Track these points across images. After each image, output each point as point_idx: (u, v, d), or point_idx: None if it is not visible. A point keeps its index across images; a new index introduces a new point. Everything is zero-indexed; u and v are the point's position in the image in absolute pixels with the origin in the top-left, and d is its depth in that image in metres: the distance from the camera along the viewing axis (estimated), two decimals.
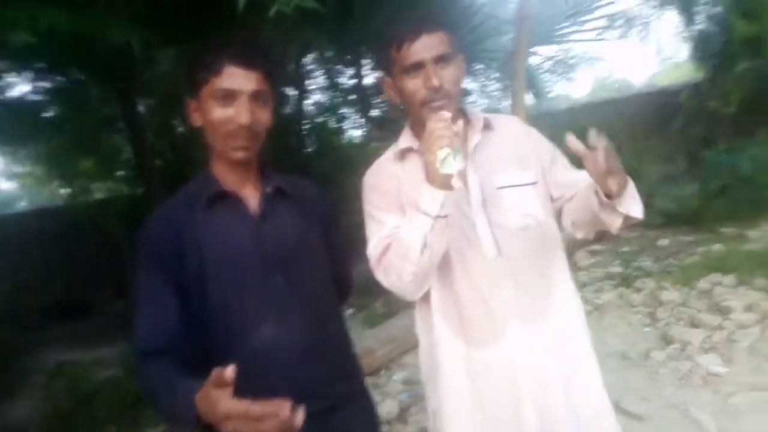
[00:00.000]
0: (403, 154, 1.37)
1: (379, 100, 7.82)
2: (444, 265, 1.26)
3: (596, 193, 1.14)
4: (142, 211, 1.18)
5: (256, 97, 1.15)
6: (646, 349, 3.38)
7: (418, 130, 1.32)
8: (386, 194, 1.34)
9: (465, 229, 1.27)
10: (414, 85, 1.24)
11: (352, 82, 8.00)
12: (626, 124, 9.34)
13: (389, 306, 5.14)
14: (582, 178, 1.35)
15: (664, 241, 5.99)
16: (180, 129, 6.42)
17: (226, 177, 1.21)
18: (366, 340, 4.00)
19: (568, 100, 11.92)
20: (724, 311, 3.60)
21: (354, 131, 8.96)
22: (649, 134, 9.28)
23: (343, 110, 8.56)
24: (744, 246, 5.10)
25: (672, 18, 9.95)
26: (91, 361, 4.56)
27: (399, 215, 1.30)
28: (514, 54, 3.50)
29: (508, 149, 1.35)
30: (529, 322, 1.26)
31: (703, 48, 8.37)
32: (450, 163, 1.08)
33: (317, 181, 1.47)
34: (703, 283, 4.15)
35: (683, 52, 10.26)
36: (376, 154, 1.46)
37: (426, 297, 1.33)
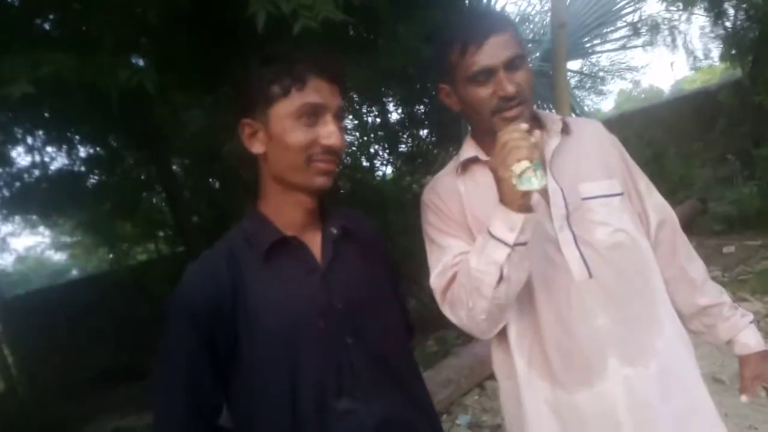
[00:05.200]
0: (466, 165, 1.19)
1: (406, 135, 7.75)
2: (523, 294, 1.06)
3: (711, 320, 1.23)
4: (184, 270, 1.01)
5: (339, 114, 0.99)
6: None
7: (483, 139, 1.15)
8: (447, 214, 1.16)
9: (546, 248, 1.08)
10: (483, 93, 1.08)
11: (379, 119, 7.95)
12: (666, 130, 9.03)
13: (443, 344, 4.89)
14: (661, 204, 1.22)
15: (729, 248, 5.60)
16: (216, 185, 6.47)
17: (285, 217, 0.99)
18: None
19: (599, 114, 11.64)
20: None
21: (384, 168, 8.91)
22: (692, 138, 8.92)
23: (372, 148, 8.51)
24: None
25: (700, 19, 9.68)
26: (145, 426, 4.46)
27: (464, 238, 1.13)
28: (553, 65, 3.33)
29: (592, 155, 1.16)
30: (634, 362, 1.05)
31: (737, 44, 8.06)
32: (530, 179, 0.89)
33: None
34: None
35: (714, 52, 9.93)
36: (410, 189, 1.32)
37: (503, 332, 1.13)
